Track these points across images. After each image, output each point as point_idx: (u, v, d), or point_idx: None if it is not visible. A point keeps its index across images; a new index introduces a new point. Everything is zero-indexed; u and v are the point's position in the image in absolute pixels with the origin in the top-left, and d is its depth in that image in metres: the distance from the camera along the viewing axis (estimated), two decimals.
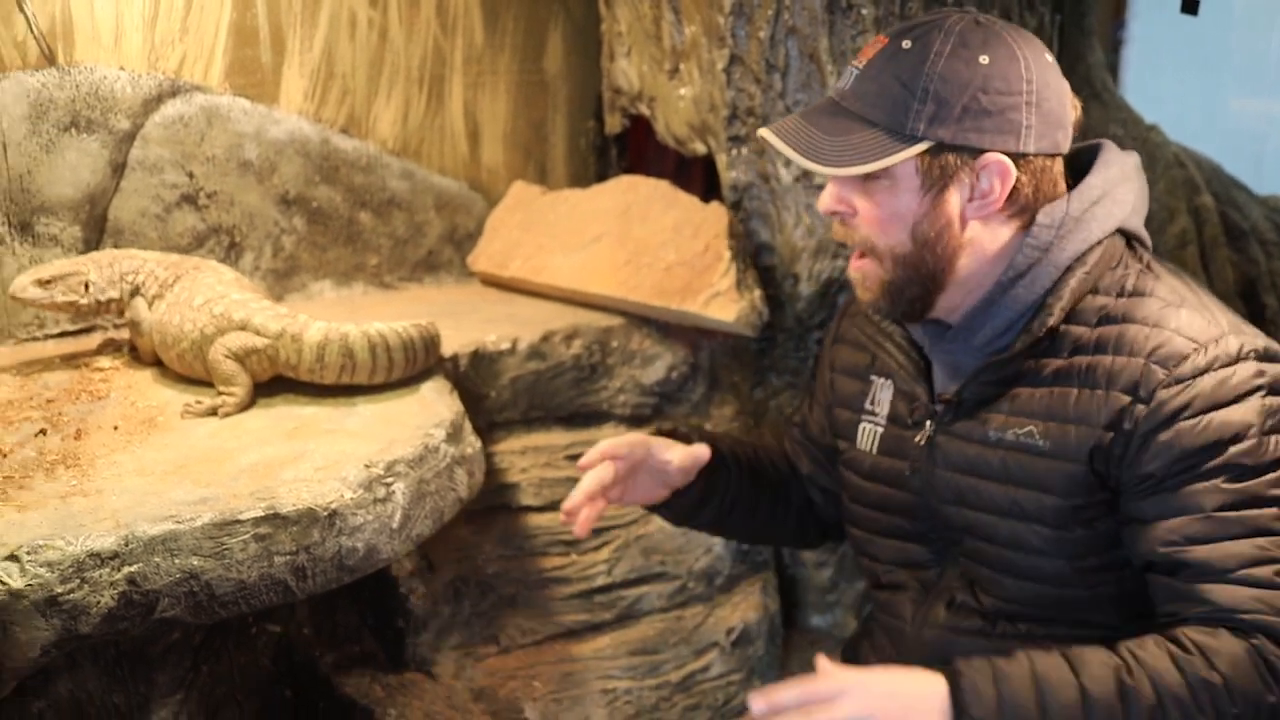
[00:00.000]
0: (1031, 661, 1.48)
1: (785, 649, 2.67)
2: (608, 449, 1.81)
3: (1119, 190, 1.65)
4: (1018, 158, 1.58)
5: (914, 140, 1.56)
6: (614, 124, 3.03)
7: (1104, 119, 2.99)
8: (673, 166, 3.05)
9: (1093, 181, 1.65)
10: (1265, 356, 1.54)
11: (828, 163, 1.58)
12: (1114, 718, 1.43)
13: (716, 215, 2.61)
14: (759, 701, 1.47)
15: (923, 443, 1.74)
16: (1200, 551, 1.48)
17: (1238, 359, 1.52)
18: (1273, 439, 1.50)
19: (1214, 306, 1.60)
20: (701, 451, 1.86)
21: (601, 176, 3.12)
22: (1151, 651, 1.46)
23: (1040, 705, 1.44)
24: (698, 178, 2.98)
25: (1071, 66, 2.95)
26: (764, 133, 1.66)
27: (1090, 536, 1.59)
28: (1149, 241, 1.69)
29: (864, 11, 2.43)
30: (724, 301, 2.49)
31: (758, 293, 2.52)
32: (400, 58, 2.84)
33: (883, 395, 1.83)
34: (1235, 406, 1.49)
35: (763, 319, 2.51)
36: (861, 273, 1.67)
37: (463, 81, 2.95)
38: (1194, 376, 1.51)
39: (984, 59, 1.56)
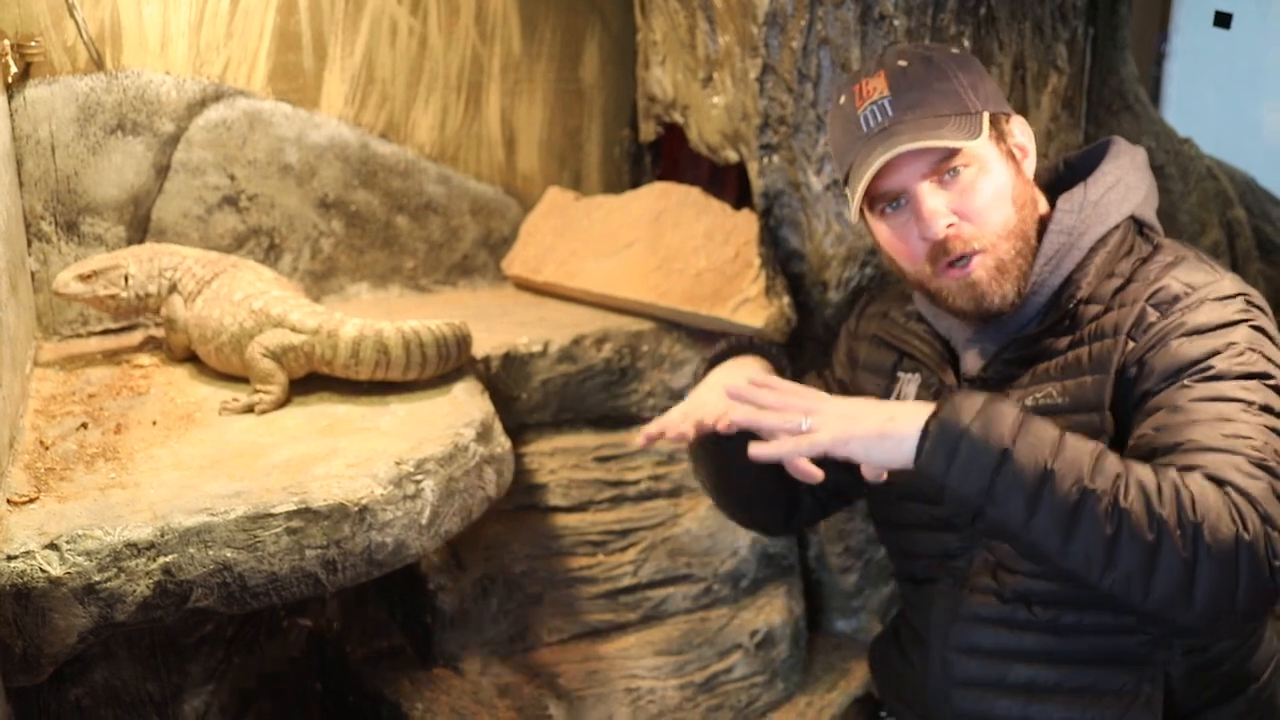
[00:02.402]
0: (1024, 410, 1.50)
1: (809, 652, 2.68)
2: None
3: (1131, 177, 1.73)
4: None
5: (980, 114, 1.67)
6: (648, 132, 3.06)
7: (1136, 131, 2.99)
8: (706, 174, 3.08)
9: (1107, 168, 1.73)
10: (1258, 305, 1.60)
11: (957, 138, 1.64)
12: (1078, 468, 1.42)
13: (747, 222, 2.63)
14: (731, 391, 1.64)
15: None
16: (1165, 435, 1.50)
17: (1230, 297, 1.58)
18: (1250, 355, 1.52)
19: (1216, 265, 1.66)
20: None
21: (635, 183, 3.14)
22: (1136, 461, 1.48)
23: (1015, 436, 1.44)
24: (731, 186, 3.00)
25: (1104, 79, 2.96)
26: (882, 160, 1.66)
27: None
28: (1160, 230, 1.76)
29: (896, 22, 2.45)
30: (753, 308, 2.52)
31: (787, 299, 2.54)
32: (439, 65, 2.89)
33: (908, 390, 1.88)
34: (1218, 331, 1.54)
35: (791, 325, 2.53)
36: (984, 269, 1.69)
37: (500, 89, 2.99)
38: (1186, 311, 1.57)
39: (955, 50, 1.73)
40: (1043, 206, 1.74)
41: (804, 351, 2.71)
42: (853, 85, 1.73)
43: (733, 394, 1.65)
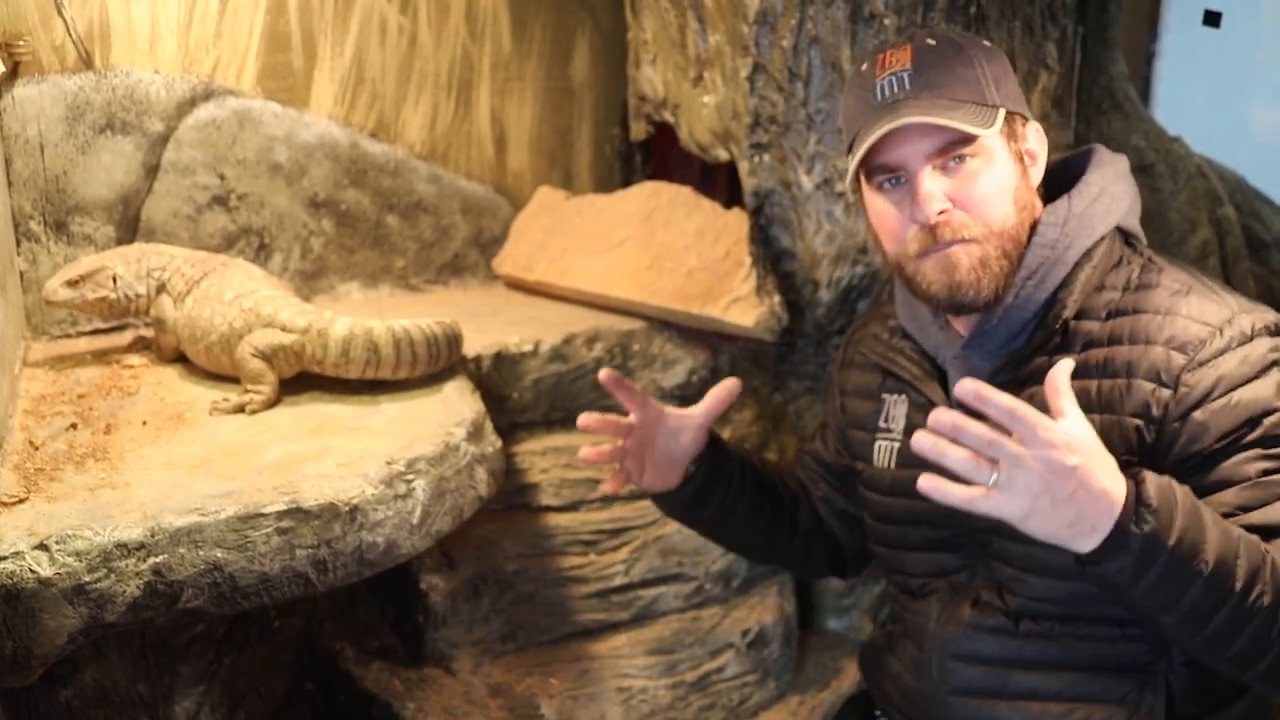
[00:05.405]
0: (1193, 496, 1.47)
1: (801, 651, 2.68)
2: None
3: (1115, 188, 1.71)
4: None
5: (997, 108, 1.63)
6: (639, 131, 3.06)
7: (1126, 130, 3.00)
8: (697, 173, 3.08)
9: (1091, 179, 1.70)
10: (1276, 331, 1.59)
11: (968, 124, 1.60)
12: (1256, 575, 1.44)
13: (738, 221, 2.64)
14: (967, 386, 1.38)
15: None
16: (1258, 515, 1.51)
17: (1252, 336, 1.56)
18: None
19: (1220, 289, 1.64)
20: (731, 384, 1.82)
21: (626, 182, 3.14)
22: (1277, 545, 1.48)
23: (1204, 534, 1.42)
24: (722, 184, 3.01)
25: (1094, 78, 2.96)
26: (885, 129, 1.61)
27: None
28: (1144, 239, 1.74)
29: (886, 21, 2.45)
30: (744, 307, 2.52)
31: (777, 298, 2.54)
32: (429, 64, 2.89)
33: (897, 411, 1.85)
34: (1258, 381, 1.54)
35: (782, 324, 2.54)
36: (967, 256, 1.64)
37: (490, 88, 2.99)
38: (1215, 358, 1.55)
39: (987, 42, 1.68)
40: (1038, 212, 1.71)
41: (794, 350, 2.71)
42: (876, 54, 1.70)
43: (934, 423, 1.42)
